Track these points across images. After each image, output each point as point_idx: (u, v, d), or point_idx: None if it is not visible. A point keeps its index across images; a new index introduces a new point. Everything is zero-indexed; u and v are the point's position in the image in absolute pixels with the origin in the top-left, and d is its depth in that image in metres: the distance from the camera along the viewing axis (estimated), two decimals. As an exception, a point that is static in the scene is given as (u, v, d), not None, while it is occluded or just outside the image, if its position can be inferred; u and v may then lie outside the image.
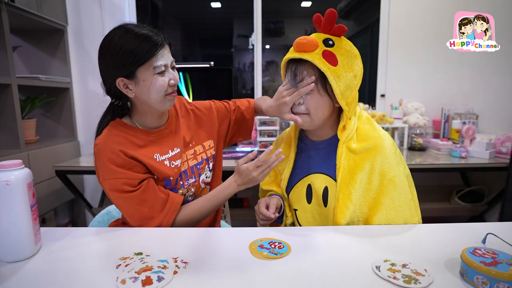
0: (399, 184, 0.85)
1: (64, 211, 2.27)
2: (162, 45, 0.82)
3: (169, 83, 0.85)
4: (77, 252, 0.74)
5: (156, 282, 0.60)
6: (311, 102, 0.85)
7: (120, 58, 0.80)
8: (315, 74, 0.82)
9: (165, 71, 0.84)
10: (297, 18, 2.95)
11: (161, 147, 0.93)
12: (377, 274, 0.62)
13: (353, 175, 0.86)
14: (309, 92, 0.84)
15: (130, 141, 0.88)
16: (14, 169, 0.68)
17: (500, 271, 0.55)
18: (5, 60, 1.65)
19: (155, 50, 0.81)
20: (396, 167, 0.86)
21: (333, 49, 0.81)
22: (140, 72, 0.82)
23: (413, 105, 2.21)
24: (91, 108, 2.33)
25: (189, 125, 1.03)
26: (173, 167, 0.94)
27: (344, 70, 0.81)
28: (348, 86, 0.83)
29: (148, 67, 0.81)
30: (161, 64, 0.82)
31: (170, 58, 0.87)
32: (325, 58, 0.80)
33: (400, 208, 0.85)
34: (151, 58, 0.81)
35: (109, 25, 2.22)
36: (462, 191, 2.23)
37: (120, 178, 0.84)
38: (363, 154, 0.86)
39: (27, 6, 1.76)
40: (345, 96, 0.83)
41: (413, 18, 2.25)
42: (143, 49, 0.79)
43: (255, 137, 2.23)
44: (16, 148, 1.72)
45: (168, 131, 0.97)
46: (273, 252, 0.72)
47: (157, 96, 0.85)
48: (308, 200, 0.94)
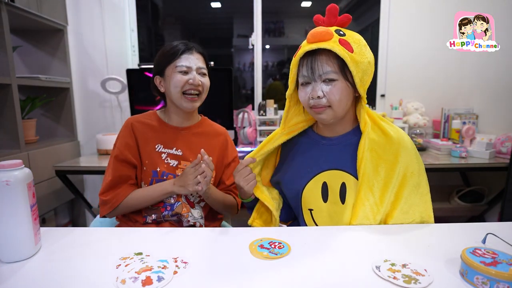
0: (420, 179, 0.87)
1: (64, 211, 2.27)
2: (186, 51, 1.01)
3: (188, 81, 1.00)
4: (77, 252, 0.74)
5: (156, 282, 0.60)
6: (335, 93, 0.82)
7: (156, 63, 1.05)
8: (336, 63, 0.81)
9: (187, 72, 1.01)
10: (297, 18, 2.95)
11: (168, 141, 1.07)
12: (377, 274, 0.62)
13: (376, 167, 0.85)
14: (329, 83, 0.82)
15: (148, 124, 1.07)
16: (14, 169, 0.68)
17: (500, 271, 0.55)
18: (5, 60, 1.65)
19: (179, 53, 1.01)
20: (417, 161, 0.87)
21: (346, 38, 0.81)
22: (167, 70, 1.02)
23: (413, 105, 2.21)
24: (91, 108, 2.33)
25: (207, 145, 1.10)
26: (166, 163, 1.05)
27: (360, 57, 0.80)
28: (365, 72, 0.82)
29: (172, 66, 1.01)
30: (182, 64, 1.00)
31: (198, 64, 1.03)
32: (342, 45, 0.79)
33: (420, 202, 0.86)
34: (175, 59, 1.01)
35: (109, 25, 2.22)
36: (462, 191, 2.23)
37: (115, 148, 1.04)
38: (387, 146, 0.85)
39: (27, 6, 1.76)
40: (363, 82, 0.83)
41: (413, 18, 2.25)
42: (170, 54, 1.01)
43: (255, 137, 2.23)
44: (16, 148, 1.72)
45: (185, 132, 1.09)
46: (273, 252, 0.72)
47: (175, 91, 1.01)
48: (324, 199, 0.91)
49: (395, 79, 2.33)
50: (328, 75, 0.81)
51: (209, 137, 1.13)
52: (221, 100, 2.09)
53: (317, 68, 0.81)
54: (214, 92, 2.11)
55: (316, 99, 0.83)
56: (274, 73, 2.87)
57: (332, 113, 0.85)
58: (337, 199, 0.89)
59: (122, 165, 1.03)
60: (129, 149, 1.03)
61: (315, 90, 0.83)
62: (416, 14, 2.24)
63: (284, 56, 2.89)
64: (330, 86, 0.82)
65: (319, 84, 0.83)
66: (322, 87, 0.82)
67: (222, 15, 2.88)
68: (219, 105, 2.10)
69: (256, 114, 2.27)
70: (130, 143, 1.04)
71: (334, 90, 0.82)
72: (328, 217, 0.91)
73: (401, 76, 2.32)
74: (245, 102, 2.69)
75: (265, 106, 2.23)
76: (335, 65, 0.81)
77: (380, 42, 2.33)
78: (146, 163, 1.04)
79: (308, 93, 0.84)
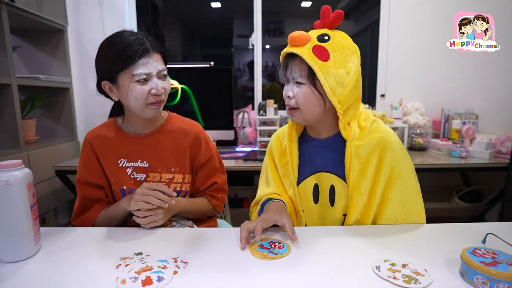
0: (407, 179, 0.85)
1: (64, 211, 2.27)
2: (144, 54, 0.83)
3: (150, 92, 0.85)
4: (77, 252, 0.74)
5: (156, 282, 0.60)
6: (300, 96, 0.83)
7: (104, 62, 0.86)
8: (305, 69, 0.81)
9: (147, 79, 0.85)
10: (297, 18, 2.95)
11: (131, 153, 0.96)
12: (377, 274, 0.62)
13: (363, 172, 0.85)
14: (298, 85, 0.83)
15: (107, 138, 0.96)
16: (14, 169, 0.68)
17: (500, 271, 0.55)
18: (5, 60, 1.64)
19: (134, 59, 0.82)
20: (403, 161, 0.86)
21: (326, 44, 0.80)
22: (120, 78, 0.85)
23: (413, 105, 2.21)
24: (91, 108, 2.33)
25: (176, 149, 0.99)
26: (133, 178, 0.95)
27: (335, 66, 0.79)
28: (339, 83, 0.80)
29: (127, 74, 0.83)
30: (141, 72, 0.83)
31: (158, 67, 0.86)
32: (314, 53, 0.78)
33: (407, 203, 0.86)
34: (131, 65, 0.83)
35: (109, 25, 2.22)
36: (462, 191, 2.23)
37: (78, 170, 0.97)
38: (371, 149, 0.84)
39: (27, 6, 1.75)
40: (336, 93, 0.80)
41: (413, 18, 2.25)
42: (122, 56, 0.82)
43: (255, 137, 2.23)
44: (16, 148, 1.72)
45: (148, 140, 0.96)
46: (273, 252, 0.72)
47: (136, 104, 0.86)
48: (315, 200, 0.92)
49: (395, 79, 2.33)
50: (297, 78, 0.83)
51: (176, 140, 0.98)
52: (221, 100, 2.09)
53: (289, 70, 0.84)
54: (214, 92, 2.13)
55: (287, 98, 0.86)
56: (273, 74, 2.87)
57: (301, 116, 0.86)
58: (326, 201, 0.90)
59: (86, 188, 0.96)
60: (90, 170, 0.95)
61: (287, 90, 0.86)
62: (416, 14, 2.24)
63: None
64: (298, 88, 0.83)
65: (291, 85, 0.85)
66: (293, 88, 0.84)
67: (222, 15, 2.88)
68: (219, 105, 2.10)
69: (256, 114, 2.27)
70: (90, 164, 0.95)
71: (300, 93, 0.83)
72: (318, 218, 0.93)
73: (401, 76, 2.32)
74: (245, 102, 2.69)
75: (265, 106, 2.23)
76: (304, 71, 0.81)
77: (380, 42, 2.33)
78: (113, 181, 0.95)
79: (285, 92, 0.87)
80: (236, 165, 1.74)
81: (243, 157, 1.86)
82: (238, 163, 1.76)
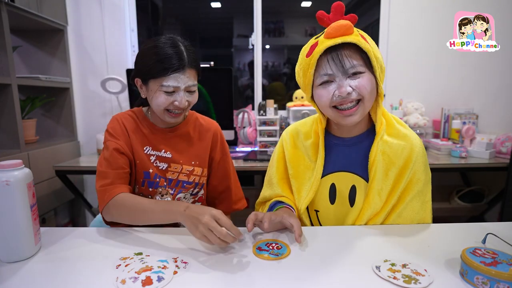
0: (424, 187, 0.86)
1: (64, 211, 2.27)
2: (178, 70, 0.88)
3: (173, 103, 0.91)
4: (77, 252, 0.74)
5: (156, 282, 0.60)
6: (365, 85, 0.76)
7: (142, 64, 0.91)
8: (360, 57, 0.77)
9: (174, 92, 0.90)
10: (297, 18, 2.95)
11: (157, 143, 1.00)
12: (377, 274, 0.62)
13: (387, 171, 0.83)
14: (356, 77, 0.77)
15: (136, 124, 1.00)
16: (14, 169, 0.68)
17: (500, 271, 0.55)
18: (5, 60, 1.64)
19: (167, 73, 0.87)
20: (425, 170, 0.86)
21: (361, 33, 0.78)
22: (151, 83, 0.91)
23: (413, 105, 2.21)
24: (91, 108, 2.33)
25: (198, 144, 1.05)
26: (155, 166, 0.99)
27: (377, 52, 0.78)
28: (381, 69, 0.80)
29: (158, 82, 0.89)
30: (169, 85, 0.88)
31: (188, 83, 0.90)
32: (364, 39, 0.76)
33: (419, 209, 0.86)
34: (163, 76, 0.88)
35: (109, 25, 2.22)
36: (462, 191, 2.23)
37: (110, 140, 0.95)
38: (399, 151, 0.84)
39: (27, 6, 1.75)
40: (381, 78, 0.80)
41: (413, 18, 2.25)
42: (158, 67, 0.87)
43: (255, 137, 2.23)
44: (16, 148, 1.72)
45: (172, 134, 1.02)
46: (273, 253, 0.72)
47: (157, 109, 0.93)
48: (331, 200, 0.90)
49: (395, 79, 2.33)
50: (356, 68, 0.76)
51: (198, 135, 1.06)
52: (221, 100, 2.09)
53: (344, 62, 0.75)
54: (214, 92, 2.13)
55: (345, 96, 0.77)
56: (273, 73, 2.87)
57: (363, 110, 0.80)
58: (345, 201, 0.88)
59: (122, 158, 0.94)
60: (126, 143, 0.96)
61: (342, 87, 0.76)
62: (416, 14, 2.24)
63: (284, 56, 2.89)
64: (358, 79, 0.77)
65: (344, 80, 0.77)
66: (349, 82, 0.77)
67: (222, 15, 2.88)
68: (219, 105, 2.10)
69: (256, 114, 2.27)
70: (125, 138, 0.97)
71: (363, 82, 0.76)
72: (334, 219, 0.91)
73: (401, 76, 2.32)
74: (245, 102, 2.69)
75: (265, 106, 2.23)
76: (360, 59, 0.76)
77: (380, 42, 2.33)
78: (138, 162, 0.98)
79: (332, 91, 0.78)
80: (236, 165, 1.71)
81: (243, 157, 1.86)
82: (238, 163, 1.76)
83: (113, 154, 0.92)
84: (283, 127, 2.25)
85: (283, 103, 2.42)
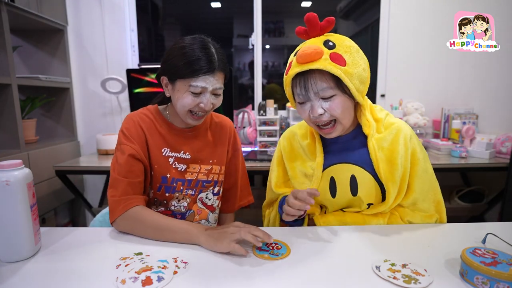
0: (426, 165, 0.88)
1: (64, 211, 2.27)
2: (208, 72, 0.86)
3: (199, 105, 0.89)
4: (77, 252, 0.74)
5: (156, 282, 0.60)
6: (336, 108, 0.80)
7: (171, 63, 0.88)
8: (330, 80, 0.79)
9: (201, 93, 0.88)
10: (297, 18, 2.94)
11: (176, 144, 0.97)
12: (377, 274, 0.62)
13: (392, 162, 0.85)
14: (328, 99, 0.80)
15: (153, 124, 0.96)
16: (14, 169, 0.68)
17: (500, 271, 0.55)
18: (5, 60, 1.65)
19: (197, 74, 0.85)
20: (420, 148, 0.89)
21: (336, 50, 0.78)
22: (179, 83, 0.88)
23: (413, 105, 2.21)
24: (91, 108, 2.33)
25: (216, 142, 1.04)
26: (174, 168, 0.96)
27: (354, 67, 0.78)
28: (361, 81, 0.80)
29: (186, 82, 0.87)
30: (198, 85, 0.86)
31: (215, 85, 0.88)
32: (334, 61, 0.77)
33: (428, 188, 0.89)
34: (192, 77, 0.86)
35: (109, 25, 2.22)
36: (462, 191, 2.23)
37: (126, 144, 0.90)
38: (393, 139, 0.87)
39: (27, 6, 1.76)
40: (360, 91, 0.81)
41: (413, 18, 2.25)
42: (188, 69, 0.85)
43: (255, 137, 2.23)
44: (16, 148, 1.72)
45: (191, 134, 1.00)
46: (273, 254, 0.72)
47: (181, 109, 0.90)
48: (332, 194, 0.91)
49: (395, 79, 2.32)
50: (324, 92, 0.79)
51: (216, 133, 1.05)
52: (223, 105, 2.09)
53: (311, 87, 0.79)
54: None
55: (317, 117, 0.82)
56: (273, 73, 2.87)
57: (341, 126, 0.85)
58: (347, 192, 0.89)
59: (137, 165, 0.89)
60: (142, 147, 0.92)
61: (314, 109, 0.81)
62: (416, 14, 2.24)
63: (284, 56, 2.89)
64: (329, 102, 0.80)
65: (317, 102, 0.81)
66: (321, 104, 0.81)
67: (222, 15, 2.88)
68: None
69: (256, 114, 2.27)
70: (141, 142, 0.92)
71: (334, 105, 0.80)
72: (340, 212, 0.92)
73: (401, 76, 2.32)
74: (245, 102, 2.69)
75: (265, 106, 2.23)
76: (330, 82, 0.79)
77: (380, 42, 2.33)
78: (156, 167, 0.94)
79: (307, 111, 0.83)
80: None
81: (243, 157, 1.86)
82: (238, 163, 1.76)
83: (129, 161, 0.88)
84: (283, 127, 2.25)
85: (283, 103, 2.42)
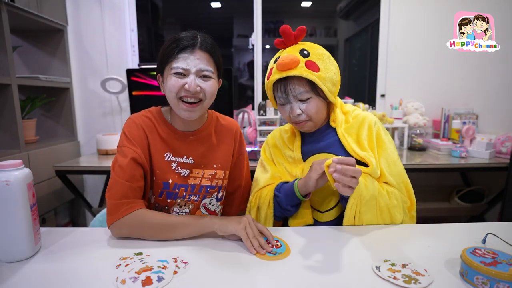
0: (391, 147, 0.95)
1: (64, 211, 2.27)
2: (185, 49, 0.84)
3: (184, 87, 0.84)
4: (77, 252, 0.74)
5: (156, 282, 0.60)
6: (311, 109, 0.91)
7: (159, 57, 0.89)
8: (305, 85, 0.89)
9: (185, 75, 0.84)
10: (297, 18, 2.95)
11: (178, 149, 0.94)
12: (377, 274, 0.62)
13: (361, 141, 0.94)
14: (304, 101, 0.91)
15: (155, 128, 0.93)
16: (14, 169, 0.68)
17: (500, 271, 0.55)
18: (5, 60, 1.65)
19: (174, 52, 0.84)
20: (384, 132, 0.97)
21: (311, 58, 0.89)
22: (165, 71, 0.87)
23: (413, 105, 2.21)
24: (91, 108, 2.33)
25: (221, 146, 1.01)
26: (177, 173, 0.93)
27: (326, 72, 0.89)
28: (333, 83, 0.92)
29: (169, 67, 0.85)
30: (178, 66, 0.83)
31: (199, 66, 0.84)
32: (309, 68, 0.87)
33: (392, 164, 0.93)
34: (172, 59, 0.84)
35: (109, 25, 2.22)
36: (462, 191, 2.23)
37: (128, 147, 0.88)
38: (359, 126, 0.96)
39: (27, 6, 1.76)
40: (332, 92, 0.93)
41: (413, 18, 2.25)
42: (168, 51, 0.85)
43: (255, 137, 2.23)
44: (16, 148, 1.72)
45: (194, 138, 0.96)
46: (272, 252, 0.72)
47: (170, 96, 0.87)
48: None
49: (395, 79, 2.32)
50: (302, 95, 0.90)
51: (221, 137, 1.01)
52: (221, 100, 2.09)
53: (290, 92, 0.90)
54: (214, 92, 2.13)
55: (296, 116, 0.92)
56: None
57: (313, 124, 0.96)
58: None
59: (138, 170, 0.86)
60: (144, 152, 0.89)
61: (293, 110, 0.92)
62: (416, 14, 2.24)
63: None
64: (306, 103, 0.91)
65: (295, 104, 0.92)
66: (299, 105, 0.92)
67: (222, 15, 2.89)
68: (219, 105, 2.09)
69: (256, 114, 2.27)
70: (143, 146, 0.89)
71: (309, 107, 0.91)
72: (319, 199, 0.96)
73: (401, 76, 2.32)
74: (245, 102, 2.69)
75: (265, 106, 2.23)
76: (306, 86, 0.89)
77: (380, 42, 2.33)
78: (158, 172, 0.91)
79: (287, 112, 0.94)
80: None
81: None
82: (238, 163, 1.75)
83: (131, 164, 0.85)
84: (283, 127, 2.25)
85: (283, 103, 2.41)
